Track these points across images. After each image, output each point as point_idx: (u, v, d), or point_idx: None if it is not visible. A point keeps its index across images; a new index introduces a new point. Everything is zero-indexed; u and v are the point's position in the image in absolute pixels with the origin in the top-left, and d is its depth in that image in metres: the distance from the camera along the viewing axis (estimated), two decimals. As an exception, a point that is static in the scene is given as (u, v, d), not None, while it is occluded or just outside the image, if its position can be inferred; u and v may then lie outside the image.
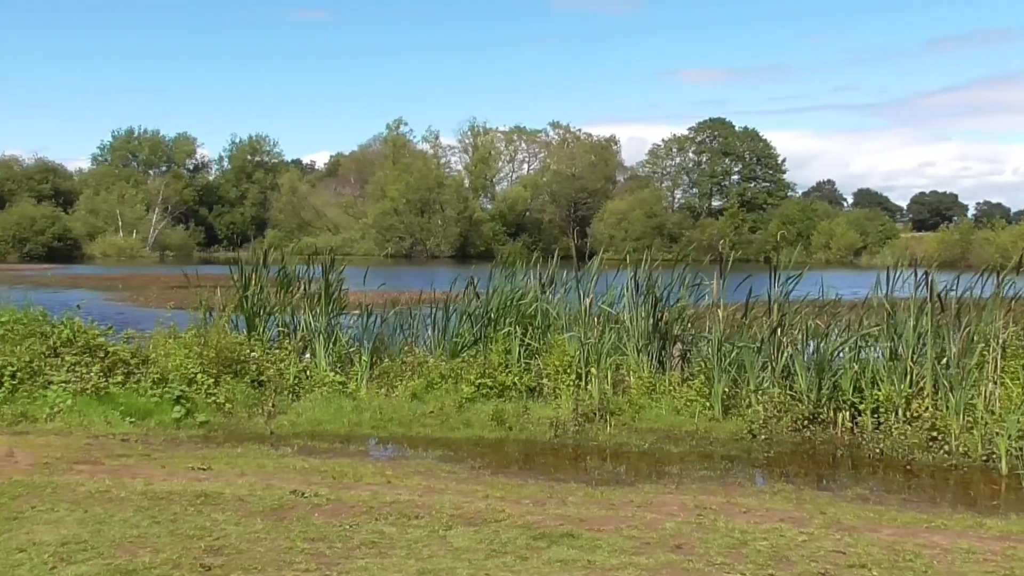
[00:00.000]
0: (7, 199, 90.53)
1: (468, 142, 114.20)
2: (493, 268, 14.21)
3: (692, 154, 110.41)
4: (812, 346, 12.09)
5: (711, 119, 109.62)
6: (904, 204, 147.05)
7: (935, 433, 10.42)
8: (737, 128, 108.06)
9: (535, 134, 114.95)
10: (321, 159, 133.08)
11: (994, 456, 9.96)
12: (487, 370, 12.44)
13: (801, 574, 5.81)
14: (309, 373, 12.82)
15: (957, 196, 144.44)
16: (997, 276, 11.98)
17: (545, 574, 5.67)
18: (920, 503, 8.61)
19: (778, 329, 12.04)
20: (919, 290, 11.68)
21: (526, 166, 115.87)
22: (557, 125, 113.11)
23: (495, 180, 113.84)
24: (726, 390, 11.82)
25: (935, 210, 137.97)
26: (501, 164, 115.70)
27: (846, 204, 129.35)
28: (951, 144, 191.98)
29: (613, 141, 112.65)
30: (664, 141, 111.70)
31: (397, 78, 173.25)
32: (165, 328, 13.14)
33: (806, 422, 11.08)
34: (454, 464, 9.70)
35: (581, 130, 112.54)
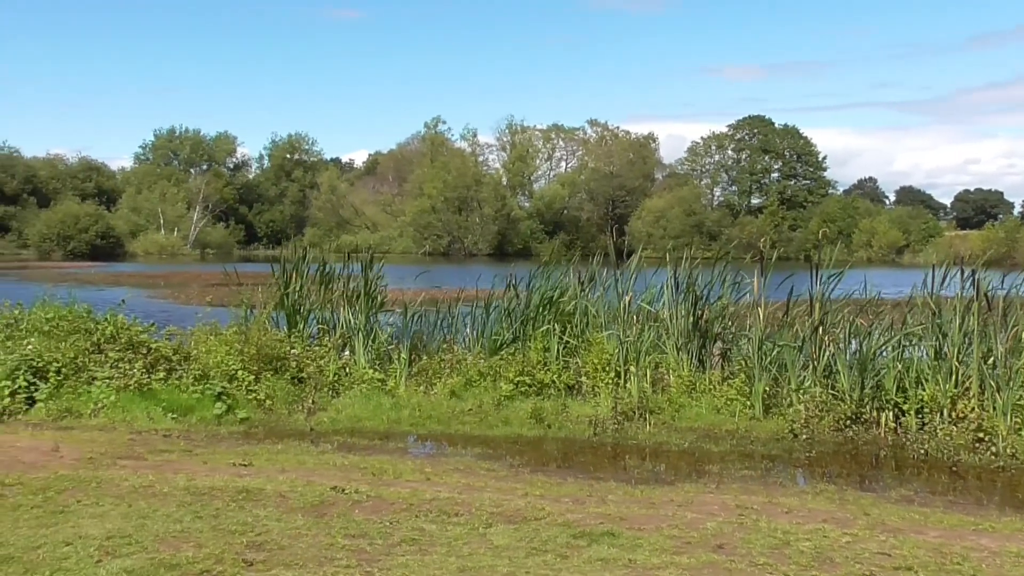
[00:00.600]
0: (52, 198, 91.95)
1: (506, 140, 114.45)
2: (534, 267, 14.19)
3: (731, 151, 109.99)
4: (854, 345, 11.94)
5: (750, 116, 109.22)
6: (948, 202, 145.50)
7: (982, 434, 10.23)
8: (777, 125, 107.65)
9: (573, 132, 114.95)
10: (360, 158, 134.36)
11: (1043, 458, 9.78)
12: (526, 368, 12.42)
13: (846, 576, 5.73)
14: (348, 370, 12.89)
15: (1003, 194, 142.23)
16: (1045, 274, 11.77)
17: (586, 573, 5.62)
18: (967, 505, 8.46)
19: (820, 327, 11.90)
20: (965, 288, 11.49)
21: (564, 164, 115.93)
22: (595, 123, 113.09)
23: (533, 178, 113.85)
24: (767, 389, 11.71)
25: (980, 208, 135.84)
26: (539, 162, 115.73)
27: (888, 202, 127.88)
28: (997, 141, 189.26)
29: (652, 139, 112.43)
30: (703, 138, 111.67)
31: (435, 77, 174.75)
32: (206, 325, 13.27)
33: (848, 422, 10.94)
34: (493, 462, 9.69)
35: (619, 128, 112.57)
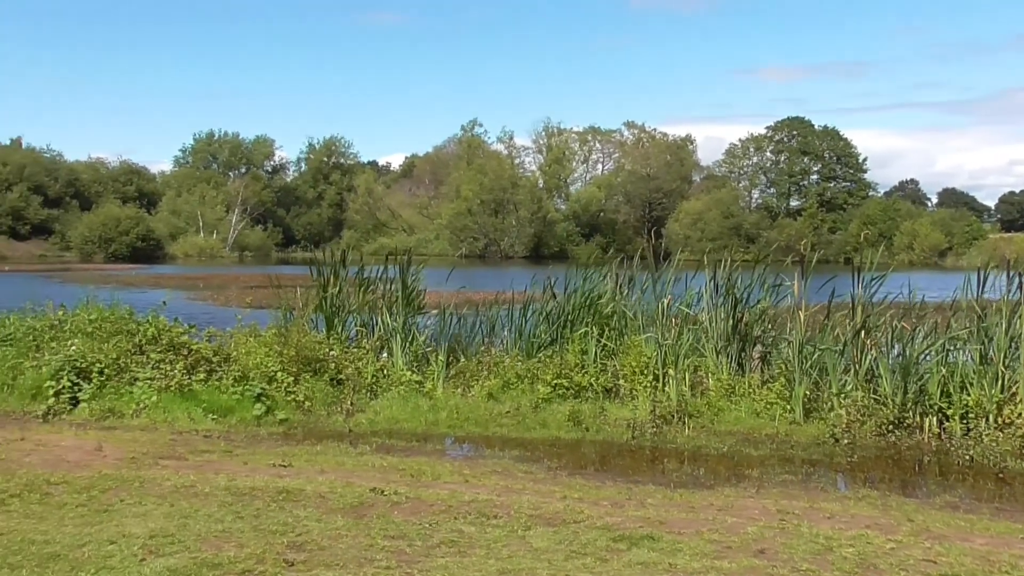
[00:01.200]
0: (94, 200, 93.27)
1: (542, 143, 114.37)
2: (570, 269, 14.16)
3: (770, 153, 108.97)
4: (897, 349, 11.79)
5: (789, 118, 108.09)
6: (992, 204, 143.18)
7: (1029, 440, 10.06)
8: (816, 127, 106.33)
9: (610, 134, 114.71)
10: (396, 160, 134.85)
11: (1092, 464, 9.59)
12: (563, 370, 12.39)
13: (890, 583, 5.65)
14: (386, 372, 12.93)
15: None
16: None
17: (626, 577, 5.59)
18: (1014, 512, 8.29)
19: (862, 331, 11.76)
20: (1011, 292, 11.30)
21: (600, 166, 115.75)
22: (632, 125, 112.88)
23: (569, 180, 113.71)
24: (807, 393, 11.58)
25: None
26: (575, 164, 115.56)
27: (930, 204, 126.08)
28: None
29: (689, 140, 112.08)
30: (741, 140, 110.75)
31: (471, 79, 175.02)
32: (245, 327, 13.38)
33: (891, 427, 10.78)
34: (531, 464, 9.67)
35: (656, 130, 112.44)
